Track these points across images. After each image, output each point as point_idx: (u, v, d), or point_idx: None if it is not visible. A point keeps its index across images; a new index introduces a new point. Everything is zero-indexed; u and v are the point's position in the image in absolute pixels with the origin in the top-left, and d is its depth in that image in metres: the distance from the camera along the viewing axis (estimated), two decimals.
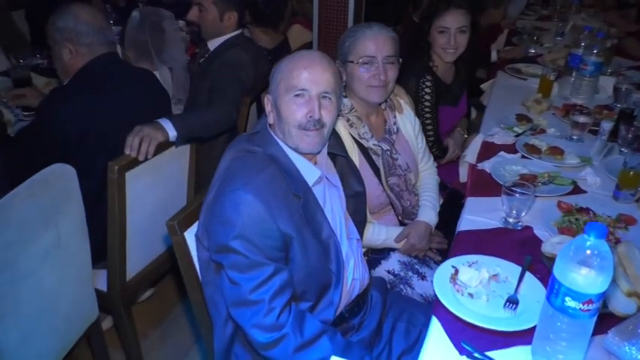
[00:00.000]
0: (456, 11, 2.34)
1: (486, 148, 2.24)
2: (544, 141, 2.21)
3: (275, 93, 1.42)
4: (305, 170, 1.43)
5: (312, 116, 1.37)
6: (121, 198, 1.81)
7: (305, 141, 1.40)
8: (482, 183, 1.97)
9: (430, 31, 2.40)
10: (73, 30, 1.86)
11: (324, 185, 1.52)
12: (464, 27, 2.36)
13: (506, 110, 2.61)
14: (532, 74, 3.09)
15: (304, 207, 1.38)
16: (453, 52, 2.39)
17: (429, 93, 2.37)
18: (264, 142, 1.43)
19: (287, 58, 1.43)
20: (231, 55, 2.33)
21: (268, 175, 1.33)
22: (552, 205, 1.79)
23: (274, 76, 1.43)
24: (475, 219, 1.76)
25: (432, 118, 2.41)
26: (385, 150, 1.89)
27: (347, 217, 1.62)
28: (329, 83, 1.39)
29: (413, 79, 2.37)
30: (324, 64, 1.41)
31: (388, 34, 1.81)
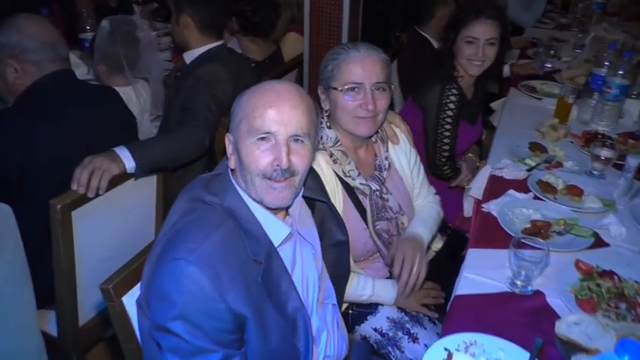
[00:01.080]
0: (487, 21, 2.12)
1: (494, 184, 1.97)
2: (560, 177, 1.94)
3: (236, 133, 1.18)
4: (271, 227, 1.19)
5: (279, 165, 1.14)
6: (67, 240, 1.57)
7: (271, 194, 1.16)
8: (487, 230, 1.70)
9: (456, 40, 2.16)
10: (17, 46, 1.62)
11: (294, 243, 1.27)
12: (493, 39, 2.14)
13: (517, 136, 2.34)
14: (548, 93, 2.81)
15: (266, 275, 1.14)
16: (479, 65, 2.17)
17: (454, 102, 2.14)
18: (223, 190, 1.19)
19: (249, 92, 1.19)
20: (205, 71, 2.08)
21: (221, 238, 1.09)
22: (569, 262, 1.52)
23: (235, 111, 1.20)
24: (476, 278, 1.49)
25: (452, 130, 2.17)
26: (374, 190, 1.63)
27: (323, 278, 1.37)
28: (300, 124, 1.15)
29: (438, 85, 2.15)
30: (295, 99, 1.16)
31: (378, 56, 1.55)
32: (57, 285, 1.65)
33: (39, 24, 1.69)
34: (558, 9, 4.76)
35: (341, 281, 1.52)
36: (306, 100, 1.19)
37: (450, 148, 2.18)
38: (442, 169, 2.20)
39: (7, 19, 1.66)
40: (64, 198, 1.52)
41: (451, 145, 2.18)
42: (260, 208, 1.19)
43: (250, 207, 1.18)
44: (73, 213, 1.56)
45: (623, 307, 1.34)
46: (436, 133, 2.15)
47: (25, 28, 1.64)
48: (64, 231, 1.55)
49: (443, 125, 2.14)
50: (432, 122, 2.15)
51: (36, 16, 1.77)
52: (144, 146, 1.73)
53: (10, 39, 1.63)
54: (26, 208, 1.56)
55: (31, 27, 1.65)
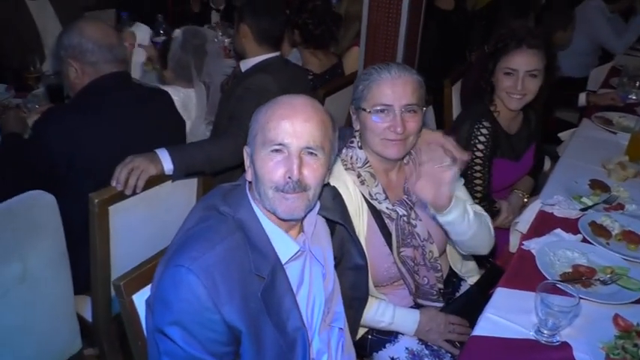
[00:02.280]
0: (528, 51, 1.97)
1: (542, 220, 1.85)
2: (618, 221, 1.77)
3: (252, 146, 1.20)
4: (279, 243, 1.19)
5: (290, 177, 1.14)
6: (103, 232, 1.67)
7: (283, 204, 1.16)
8: (522, 270, 1.59)
9: (495, 71, 2.04)
10: (77, 47, 1.75)
11: (304, 261, 1.26)
12: (535, 70, 1.98)
13: (579, 171, 2.18)
14: (625, 127, 2.59)
15: (267, 291, 1.14)
16: (518, 99, 2.02)
17: (483, 142, 2.01)
18: (237, 202, 1.21)
19: (266, 105, 1.21)
20: (255, 80, 2.13)
21: (225, 250, 1.11)
22: (607, 316, 1.38)
23: (252, 124, 1.22)
24: (499, 321, 1.40)
25: (483, 172, 2.04)
26: (401, 215, 1.57)
27: (332, 300, 1.35)
28: (313, 137, 1.15)
29: (467, 123, 2.04)
30: (308, 112, 1.17)
31: (410, 77, 1.49)
32: (92, 274, 1.75)
33: (99, 27, 1.81)
34: None
35: (358, 305, 1.49)
36: (320, 114, 1.19)
37: (483, 189, 2.04)
38: None
39: (73, 23, 1.79)
40: (103, 193, 1.62)
41: (483, 185, 2.03)
42: (271, 223, 1.19)
43: (261, 221, 1.19)
44: (110, 208, 1.65)
45: None
46: (466, 174, 2.01)
47: (86, 30, 1.77)
48: (101, 224, 1.64)
49: (472, 167, 2.00)
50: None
51: (98, 20, 1.90)
52: (184, 150, 1.79)
53: (72, 41, 1.76)
54: (70, 199, 1.68)
55: (91, 30, 1.77)
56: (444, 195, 1.42)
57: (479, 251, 1.70)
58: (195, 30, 2.49)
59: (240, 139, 1.95)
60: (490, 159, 2.05)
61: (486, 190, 2.07)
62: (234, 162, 1.95)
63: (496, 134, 2.05)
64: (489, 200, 2.10)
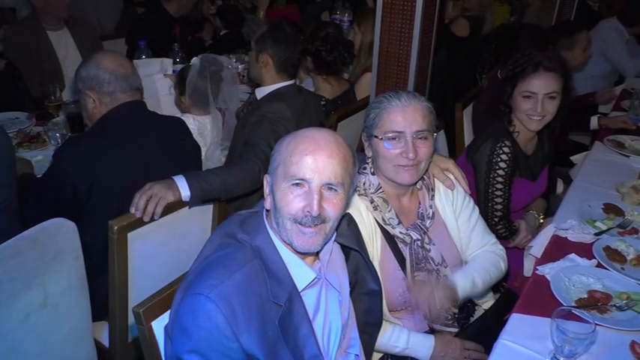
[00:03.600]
0: (546, 74, 2.00)
1: (556, 245, 1.85)
2: (633, 245, 1.77)
3: (273, 176, 1.23)
4: (296, 271, 1.21)
5: (309, 211, 1.16)
6: (122, 259, 1.70)
7: (300, 238, 1.18)
8: (537, 295, 1.59)
9: (513, 94, 2.08)
10: (94, 78, 1.82)
11: (320, 288, 1.28)
12: (554, 93, 2.01)
13: (593, 194, 2.18)
14: (637, 151, 2.59)
15: (284, 319, 1.16)
16: (538, 120, 2.05)
17: (506, 160, 2.04)
18: (255, 229, 1.23)
19: (289, 137, 1.24)
20: (270, 108, 2.18)
21: (243, 278, 1.13)
22: (624, 343, 1.38)
23: (274, 155, 1.24)
24: (515, 347, 1.40)
25: (504, 190, 2.07)
26: (415, 239, 1.59)
27: (348, 326, 1.36)
28: (335, 173, 1.18)
29: (490, 142, 2.07)
30: (331, 148, 1.19)
31: (420, 104, 1.53)
32: (110, 299, 1.77)
33: (114, 58, 1.88)
34: None
35: (372, 330, 1.49)
36: (343, 150, 1.21)
37: (503, 207, 2.06)
38: (496, 228, 2.08)
39: (89, 56, 1.88)
40: (122, 220, 1.65)
41: (504, 204, 2.06)
42: (288, 251, 1.22)
43: (278, 249, 1.21)
44: (129, 234, 1.68)
45: None
46: (487, 192, 2.05)
47: (102, 62, 1.84)
48: (120, 250, 1.68)
49: (494, 185, 2.04)
50: (482, 180, 2.06)
51: (114, 52, 1.98)
52: (200, 177, 1.83)
53: (89, 73, 1.83)
54: (89, 226, 1.72)
55: (107, 61, 1.85)
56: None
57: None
58: (212, 57, 2.55)
59: (255, 166, 1.99)
60: (511, 178, 2.08)
61: (506, 210, 2.09)
62: (249, 188, 1.98)
63: (515, 154, 2.08)
64: (508, 219, 2.11)
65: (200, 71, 2.47)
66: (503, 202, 2.08)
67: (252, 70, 2.40)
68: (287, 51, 2.28)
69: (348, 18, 4.37)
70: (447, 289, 1.55)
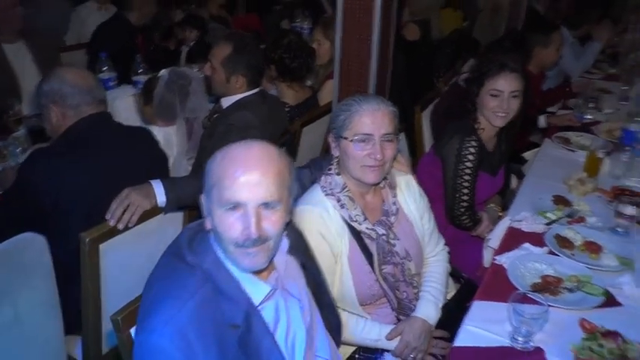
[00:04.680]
0: (511, 75, 2.17)
1: (511, 236, 1.97)
2: (580, 233, 1.91)
3: (209, 197, 1.18)
4: (250, 287, 1.20)
5: (248, 235, 1.13)
6: (94, 270, 1.71)
7: (246, 260, 1.16)
8: (496, 283, 1.70)
9: (480, 93, 2.21)
10: (58, 92, 1.83)
11: (278, 298, 1.27)
12: (517, 92, 2.18)
13: (543, 188, 2.32)
14: (582, 146, 2.77)
15: (243, 338, 1.15)
16: (504, 117, 2.20)
17: (474, 153, 2.18)
18: (204, 250, 1.20)
19: (218, 157, 1.18)
20: (237, 118, 2.23)
21: (196, 305, 1.10)
22: (575, 320, 1.50)
23: (207, 174, 1.19)
24: (478, 331, 1.50)
25: (471, 181, 2.21)
26: (381, 234, 1.68)
27: (314, 328, 1.37)
28: (270, 191, 1.14)
29: (458, 136, 2.20)
30: (264, 166, 1.16)
31: (387, 109, 1.63)
32: (83, 312, 1.77)
33: (77, 71, 1.91)
34: (608, 59, 4.68)
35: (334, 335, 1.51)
36: (276, 165, 1.18)
37: (469, 198, 2.20)
38: (461, 219, 2.22)
39: (51, 71, 1.90)
40: (93, 232, 1.66)
41: (470, 195, 2.20)
42: (235, 268, 1.19)
43: (229, 268, 1.19)
44: (100, 246, 1.69)
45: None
46: (455, 184, 2.18)
47: (65, 76, 1.86)
48: (92, 262, 1.68)
49: (462, 176, 2.17)
50: (450, 172, 2.19)
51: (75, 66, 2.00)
52: (176, 183, 1.86)
53: (52, 87, 1.84)
54: (59, 239, 1.72)
55: (70, 74, 1.86)
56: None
57: None
58: (181, 71, 2.58)
59: None
60: (477, 171, 2.20)
61: (472, 201, 2.22)
62: None
63: (480, 149, 2.21)
64: (473, 210, 2.24)
65: (168, 84, 2.48)
66: (470, 192, 2.21)
67: (219, 89, 2.42)
68: (255, 65, 2.34)
69: (308, 26, 4.47)
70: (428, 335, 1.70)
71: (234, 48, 2.31)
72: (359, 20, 2.46)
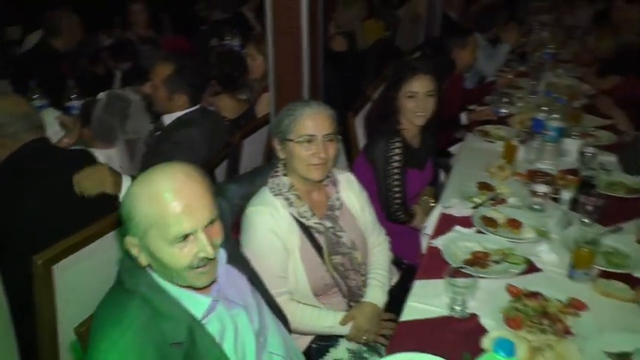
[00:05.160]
0: (423, 77, 2.35)
1: (444, 221, 2.17)
2: (502, 212, 2.14)
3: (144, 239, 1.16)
4: (190, 303, 1.23)
5: (204, 256, 1.17)
6: (48, 293, 1.71)
7: (201, 278, 1.20)
8: (433, 263, 1.88)
9: (398, 96, 2.39)
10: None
11: (222, 308, 1.31)
12: (431, 91, 2.36)
13: (469, 177, 2.55)
14: (500, 137, 3.04)
15: (189, 354, 1.18)
16: (422, 116, 2.38)
17: (399, 154, 2.35)
18: (138, 274, 1.22)
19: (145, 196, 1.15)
20: (182, 135, 2.32)
21: (136, 332, 1.13)
22: (502, 287, 1.70)
23: (133, 220, 1.15)
24: (420, 306, 1.66)
25: (400, 179, 2.37)
26: (328, 227, 1.81)
27: (266, 328, 1.45)
28: (208, 208, 1.18)
29: (383, 140, 2.36)
30: (195, 190, 1.17)
31: (326, 112, 1.77)
32: (39, 338, 1.76)
33: (11, 100, 1.94)
34: (517, 58, 5.11)
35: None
36: (202, 183, 1.20)
37: (401, 195, 2.36)
38: (396, 214, 2.38)
39: None
40: (45, 253, 1.68)
41: (401, 192, 2.36)
42: (175, 287, 1.22)
43: (165, 288, 1.21)
44: (54, 267, 1.70)
45: (545, 322, 1.51)
46: (386, 183, 2.35)
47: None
48: (45, 285, 1.69)
49: (391, 176, 2.33)
50: (381, 173, 2.35)
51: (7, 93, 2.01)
52: None
53: None
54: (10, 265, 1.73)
55: (4, 103, 1.89)
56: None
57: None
58: (120, 93, 2.61)
59: None
60: (404, 169, 2.38)
61: (404, 197, 2.39)
62: None
63: (405, 149, 2.39)
64: (406, 205, 2.41)
65: (107, 107, 2.51)
66: (401, 190, 2.38)
67: (162, 106, 2.49)
68: (195, 83, 2.44)
69: (237, 43, 4.56)
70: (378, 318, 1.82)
71: (176, 67, 2.40)
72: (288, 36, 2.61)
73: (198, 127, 2.38)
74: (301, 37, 2.59)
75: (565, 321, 1.52)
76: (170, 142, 2.32)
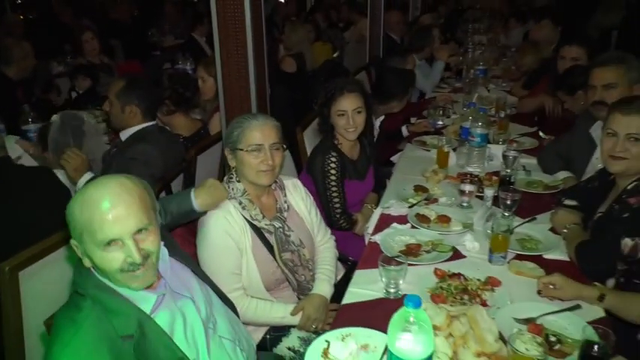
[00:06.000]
0: (350, 95, 2.57)
1: (383, 220, 2.39)
2: (434, 210, 2.39)
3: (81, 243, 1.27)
4: (137, 299, 1.33)
5: (132, 261, 1.26)
6: (15, 299, 1.82)
7: (135, 281, 1.30)
8: (372, 255, 2.09)
9: (330, 114, 2.61)
10: None
11: (170, 302, 1.41)
12: (359, 108, 2.58)
13: (407, 182, 2.80)
14: (435, 145, 3.31)
15: (140, 345, 1.27)
16: (353, 131, 2.60)
17: (335, 168, 2.56)
18: (87, 276, 1.32)
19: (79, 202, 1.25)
20: (139, 151, 2.47)
21: (89, 327, 1.23)
22: (430, 272, 1.93)
23: (70, 222, 1.26)
24: (359, 291, 1.87)
25: (338, 191, 2.58)
26: (278, 228, 2.01)
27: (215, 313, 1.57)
28: (138, 218, 1.27)
29: (320, 156, 2.58)
30: (125, 200, 1.26)
31: (272, 123, 1.98)
32: (5, 345, 1.85)
33: None
34: (455, 75, 5.51)
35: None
36: (135, 193, 1.28)
37: (340, 205, 2.58)
38: (338, 223, 2.59)
39: None
40: (12, 261, 1.79)
41: (340, 202, 2.57)
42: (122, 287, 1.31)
43: (113, 287, 1.31)
44: (20, 273, 1.82)
45: (466, 298, 1.75)
46: (326, 195, 2.56)
47: None
48: (12, 290, 1.79)
49: (330, 188, 2.55)
50: (321, 187, 2.56)
51: None
52: None
53: None
54: None
55: None
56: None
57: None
58: (72, 113, 2.75)
59: None
60: (342, 181, 2.59)
61: (344, 207, 2.60)
62: None
63: (343, 161, 2.61)
64: (347, 214, 2.63)
65: (61, 127, 2.65)
66: (340, 200, 2.59)
67: (117, 121, 2.64)
68: (149, 97, 2.61)
69: (190, 66, 4.75)
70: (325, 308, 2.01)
71: (128, 81, 2.58)
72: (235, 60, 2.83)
73: (153, 142, 2.54)
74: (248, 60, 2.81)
75: (482, 296, 1.77)
76: (126, 158, 2.46)
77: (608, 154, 1.97)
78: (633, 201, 1.87)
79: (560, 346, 1.52)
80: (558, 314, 1.66)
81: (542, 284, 1.77)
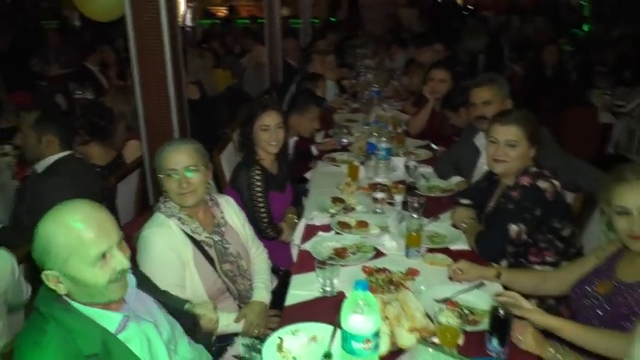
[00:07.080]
0: (272, 112, 2.79)
1: (309, 230, 2.61)
2: (353, 217, 2.66)
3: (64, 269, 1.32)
4: (102, 319, 1.40)
5: (122, 268, 1.38)
6: None
7: (120, 290, 1.41)
8: (305, 261, 2.30)
9: (253, 130, 2.79)
10: None
11: (133, 324, 1.48)
12: (280, 123, 2.80)
13: (324, 195, 3.04)
14: (345, 161, 3.63)
15: None
16: (275, 145, 2.80)
17: (259, 180, 2.73)
18: (51, 299, 1.38)
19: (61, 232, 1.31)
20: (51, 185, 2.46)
21: (54, 348, 1.29)
22: (359, 270, 2.18)
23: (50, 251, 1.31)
24: (299, 293, 2.06)
25: (264, 202, 2.75)
26: (217, 241, 2.14)
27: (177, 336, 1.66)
28: (116, 231, 1.39)
29: (245, 170, 2.74)
30: (99, 215, 1.37)
31: (186, 147, 2.05)
32: None
33: None
34: (351, 97, 5.94)
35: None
36: (103, 210, 1.40)
37: (267, 215, 2.76)
38: (266, 232, 2.76)
39: None
40: None
41: (267, 212, 2.76)
42: (87, 308, 1.38)
43: (76, 308, 1.37)
44: None
45: (392, 287, 2.02)
46: (253, 207, 2.72)
47: None
48: None
49: (256, 199, 2.73)
50: (247, 199, 2.73)
51: None
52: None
53: None
54: None
55: None
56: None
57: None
58: None
59: None
60: (266, 193, 2.77)
61: (270, 216, 2.78)
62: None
63: (265, 175, 2.79)
64: (274, 224, 2.80)
65: None
66: (266, 211, 2.76)
67: (34, 152, 2.59)
68: (63, 126, 2.60)
69: (91, 95, 4.66)
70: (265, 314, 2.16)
71: (42, 112, 2.56)
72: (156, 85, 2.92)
73: (67, 173, 2.54)
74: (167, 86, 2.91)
75: (405, 284, 2.05)
76: (37, 193, 2.44)
77: (492, 158, 2.38)
78: (515, 194, 2.28)
79: (473, 317, 1.83)
80: (467, 292, 1.99)
81: (452, 270, 2.09)
